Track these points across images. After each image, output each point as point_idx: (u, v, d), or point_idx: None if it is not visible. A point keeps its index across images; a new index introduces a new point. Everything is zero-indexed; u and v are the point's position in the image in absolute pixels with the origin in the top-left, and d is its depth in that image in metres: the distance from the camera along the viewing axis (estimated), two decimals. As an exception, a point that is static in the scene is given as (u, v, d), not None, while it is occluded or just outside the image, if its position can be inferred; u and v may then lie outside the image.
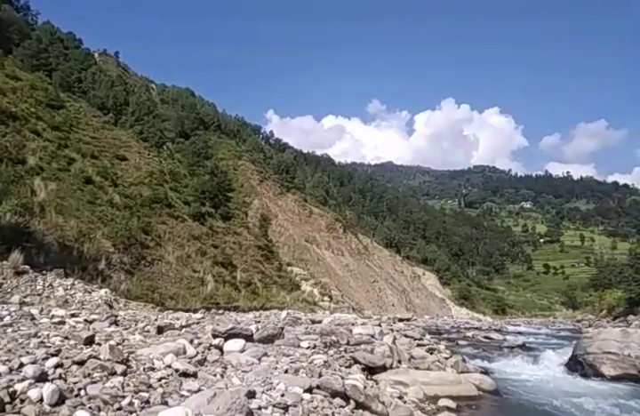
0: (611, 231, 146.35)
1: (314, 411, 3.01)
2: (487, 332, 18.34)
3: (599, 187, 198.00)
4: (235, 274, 22.77)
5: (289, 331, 7.19)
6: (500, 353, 10.44)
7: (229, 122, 75.74)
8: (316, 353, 5.17)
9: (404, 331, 10.97)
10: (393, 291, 50.38)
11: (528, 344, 13.23)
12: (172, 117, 47.74)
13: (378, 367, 5.54)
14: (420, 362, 6.63)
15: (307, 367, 4.07)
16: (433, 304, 59.35)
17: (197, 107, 58.66)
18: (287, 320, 9.62)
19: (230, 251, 25.18)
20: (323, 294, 29.56)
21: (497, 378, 7.08)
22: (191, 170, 33.66)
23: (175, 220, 22.94)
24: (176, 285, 17.26)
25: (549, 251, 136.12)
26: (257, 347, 4.86)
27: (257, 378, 3.51)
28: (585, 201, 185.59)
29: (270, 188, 46.41)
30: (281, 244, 35.64)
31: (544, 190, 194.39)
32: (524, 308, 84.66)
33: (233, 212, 32.18)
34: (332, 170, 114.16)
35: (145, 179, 25.28)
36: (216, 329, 5.15)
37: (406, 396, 4.79)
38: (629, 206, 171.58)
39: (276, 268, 28.57)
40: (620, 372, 7.24)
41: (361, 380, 3.89)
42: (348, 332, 7.22)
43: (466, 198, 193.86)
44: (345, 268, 44.61)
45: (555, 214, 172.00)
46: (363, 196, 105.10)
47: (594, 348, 7.80)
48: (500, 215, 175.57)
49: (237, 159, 47.80)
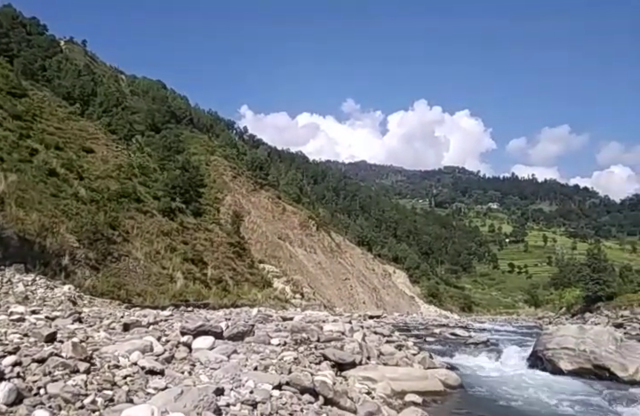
0: (571, 232, 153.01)
1: (283, 407, 3.01)
2: (454, 328, 18.83)
3: (562, 189, 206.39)
4: (205, 271, 22.44)
5: (259, 328, 7.16)
6: (465, 349, 10.73)
7: (202, 116, 74.41)
8: (286, 350, 5.17)
9: (373, 328, 11.11)
10: (364, 288, 50.93)
11: (492, 340, 13.66)
12: (142, 110, 46.41)
13: (347, 363, 5.60)
14: (388, 358, 6.74)
15: (276, 364, 4.07)
16: (403, 301, 60.39)
17: (169, 100, 57.33)
18: (258, 317, 9.57)
19: (201, 247, 24.78)
20: (294, 292, 29.56)
21: (462, 373, 7.28)
22: (161, 164, 32.87)
23: (144, 215, 22.37)
24: (144, 282, 16.86)
25: (514, 250, 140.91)
26: (227, 344, 4.81)
27: (226, 375, 3.48)
28: (548, 203, 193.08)
29: (243, 184, 45.92)
30: (253, 240, 35.36)
31: (510, 192, 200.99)
32: (489, 306, 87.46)
33: (204, 208, 31.67)
34: (307, 167, 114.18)
35: (113, 172, 24.51)
36: (185, 326, 5.06)
37: (374, 391, 4.86)
38: (589, 208, 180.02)
39: (247, 265, 28.33)
40: (575, 366, 7.58)
41: (330, 377, 3.92)
42: (319, 330, 7.26)
43: (436, 198, 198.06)
44: (317, 265, 44.74)
45: (520, 215, 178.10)
46: (336, 194, 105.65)
47: (553, 343, 8.13)
48: (469, 215, 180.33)
49: (210, 154, 47.04)
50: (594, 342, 7.72)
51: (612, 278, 37.48)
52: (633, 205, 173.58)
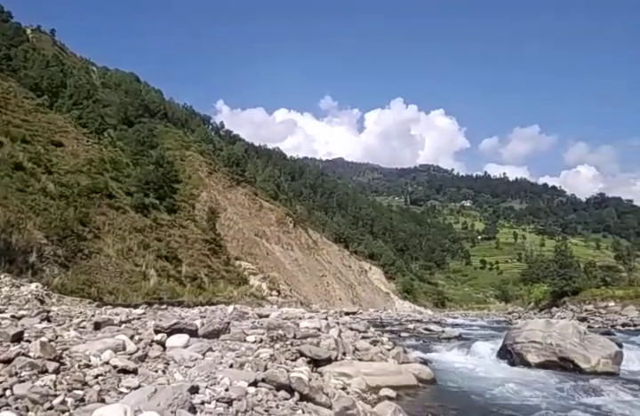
0: (540, 229, 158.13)
1: (258, 404, 3.01)
2: (427, 324, 19.20)
3: (531, 188, 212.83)
4: (180, 268, 22.10)
5: (235, 325, 7.12)
6: (438, 344, 10.97)
7: (177, 110, 72.93)
8: (262, 347, 5.16)
9: (349, 324, 11.22)
10: (340, 285, 51.26)
11: (464, 335, 14.01)
12: (115, 103, 45.09)
13: (323, 360, 5.64)
14: (363, 353, 6.82)
15: (252, 361, 4.06)
16: (378, 298, 61.13)
17: (142, 93, 55.89)
18: (234, 315, 9.51)
19: (175, 244, 24.37)
20: (271, 289, 29.46)
21: (435, 367, 7.45)
22: (134, 159, 32.08)
23: (116, 211, 21.81)
24: (116, 280, 16.47)
25: (486, 247, 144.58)
26: (201, 342, 4.77)
27: (201, 373, 3.45)
28: (519, 201, 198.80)
29: (219, 180, 45.34)
30: (229, 237, 35.02)
31: (483, 190, 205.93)
32: (461, 301, 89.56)
33: (179, 205, 31.13)
34: (284, 164, 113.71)
35: (83, 167, 23.78)
36: (158, 324, 4.99)
37: (349, 386, 4.92)
38: (557, 206, 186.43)
39: (223, 263, 28.06)
40: (542, 359, 7.87)
41: (306, 373, 3.94)
42: (295, 326, 7.27)
43: (411, 196, 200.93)
44: (294, 262, 44.72)
45: (492, 213, 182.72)
46: (313, 191, 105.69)
47: (521, 337, 8.41)
48: (443, 213, 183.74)
49: (185, 149, 46.19)
50: (559, 336, 8.03)
51: (578, 274, 39.03)
52: (597, 204, 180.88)
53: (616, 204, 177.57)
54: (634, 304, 26.68)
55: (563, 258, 39.85)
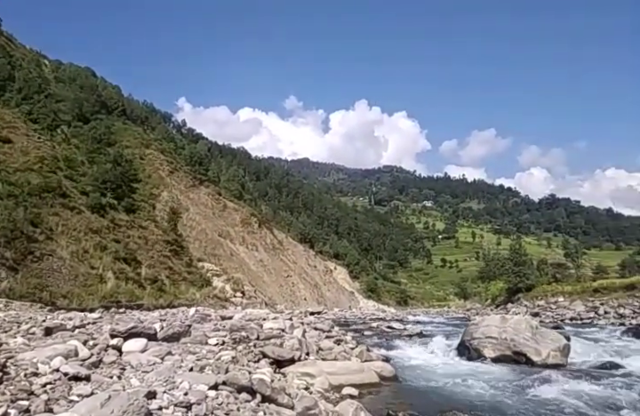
0: (496, 229, 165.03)
1: (219, 407, 2.96)
2: (390, 322, 19.52)
3: (488, 189, 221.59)
4: (139, 270, 21.36)
5: (197, 328, 6.98)
6: (400, 341, 11.16)
7: (136, 107, 70.49)
8: (224, 349, 5.08)
9: (314, 324, 11.24)
10: (306, 285, 51.29)
11: (425, 332, 14.34)
12: (69, 98, 42.95)
13: (286, 360, 5.62)
14: (327, 353, 6.85)
15: (213, 364, 3.99)
16: (343, 297, 61.65)
17: (99, 88, 53.53)
18: (196, 317, 9.32)
19: (134, 245, 23.55)
20: (235, 290, 29.04)
21: (396, 364, 7.59)
22: (90, 157, 30.72)
23: (70, 211, 20.81)
24: (70, 283, 15.71)
25: (446, 246, 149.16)
26: (161, 346, 4.64)
27: (159, 378, 3.35)
28: (477, 201, 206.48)
29: (181, 179, 44.23)
30: (192, 238, 34.23)
31: (443, 190, 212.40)
32: (423, 299, 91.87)
33: (138, 205, 30.09)
34: (249, 164, 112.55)
35: (34, 165, 22.53)
36: (115, 328, 4.80)
37: (312, 386, 4.93)
38: (512, 207, 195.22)
39: (185, 264, 27.38)
40: (498, 353, 8.20)
41: (268, 374, 3.92)
42: (259, 327, 7.22)
43: (375, 196, 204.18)
44: (259, 263, 44.31)
45: (452, 213, 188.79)
46: (279, 191, 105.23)
47: (478, 333, 8.73)
48: (406, 213, 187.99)
49: (145, 148, 44.70)
50: (513, 331, 8.39)
51: (531, 271, 40.96)
52: (549, 204, 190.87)
53: (565, 205, 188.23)
54: (580, 299, 28.29)
55: (517, 256, 41.69)
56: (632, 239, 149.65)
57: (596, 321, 20.82)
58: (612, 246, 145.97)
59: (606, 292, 27.71)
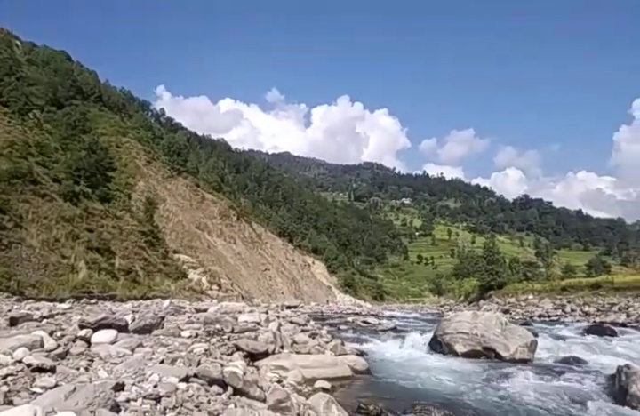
0: (472, 227, 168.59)
1: (189, 399, 2.92)
2: (365, 316, 19.76)
3: (465, 188, 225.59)
4: (113, 261, 20.91)
5: (170, 320, 6.89)
6: (375, 336, 11.30)
7: (113, 94, 68.47)
8: (197, 342, 5.03)
9: (290, 317, 11.26)
10: (283, 279, 51.27)
11: (399, 327, 14.57)
12: (42, 82, 41.36)
13: (260, 353, 5.61)
14: (301, 346, 6.87)
15: (185, 356, 3.93)
16: (320, 291, 61.93)
17: (74, 73, 51.71)
18: (169, 309, 9.20)
19: (108, 235, 23.00)
20: (211, 283, 28.80)
21: (370, 358, 7.68)
22: (64, 143, 29.76)
23: (41, 198, 20.15)
24: (39, 272, 15.26)
25: (423, 243, 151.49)
26: (131, 337, 4.55)
27: (128, 369, 3.29)
28: (453, 200, 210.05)
29: (159, 169, 43.37)
30: (168, 230, 33.68)
31: (421, 188, 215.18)
32: (398, 295, 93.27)
33: (113, 194, 29.39)
34: (229, 156, 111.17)
35: (3, 149, 21.70)
36: (84, 319, 4.69)
37: (285, 379, 4.93)
38: (487, 206, 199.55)
39: (161, 256, 26.94)
40: (469, 348, 8.39)
41: (241, 367, 3.89)
42: (234, 320, 7.18)
43: (355, 192, 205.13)
44: (236, 256, 44.00)
45: (429, 210, 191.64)
46: (259, 184, 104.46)
47: (450, 329, 8.91)
48: (384, 209, 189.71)
49: (121, 136, 43.58)
50: (484, 327, 8.60)
51: (503, 269, 42.06)
52: (522, 205, 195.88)
53: (538, 205, 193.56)
54: (549, 297, 29.22)
55: (490, 254, 42.72)
56: (599, 240, 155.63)
57: (562, 318, 21.58)
58: (581, 247, 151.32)
59: (573, 290, 28.70)
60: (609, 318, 19.00)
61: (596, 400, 5.16)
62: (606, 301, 23.37)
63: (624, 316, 19.12)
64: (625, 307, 21.11)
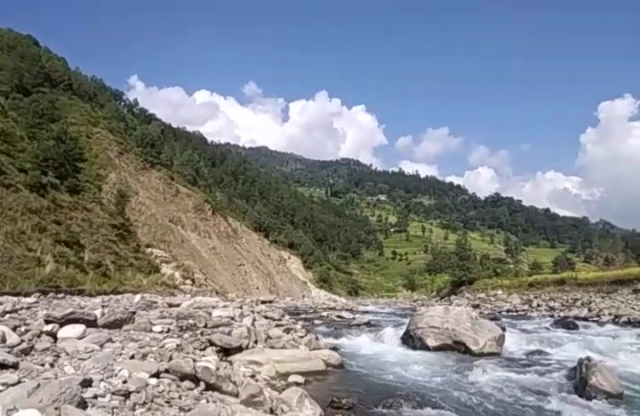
0: (445, 224, 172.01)
1: (159, 395, 2.87)
2: (340, 311, 19.90)
3: (439, 185, 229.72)
4: (82, 254, 20.27)
5: (141, 315, 6.75)
6: (349, 330, 11.41)
7: (84, 82, 66.12)
8: (169, 337, 4.95)
9: (264, 312, 11.23)
10: (258, 274, 51.05)
11: (373, 321, 14.75)
12: (7, 67, 39.48)
13: (234, 348, 5.57)
14: (275, 341, 6.87)
15: (156, 351, 3.86)
16: (295, 286, 62.01)
17: (42, 59, 49.58)
18: (141, 304, 9.01)
19: (77, 228, 22.27)
20: (185, 277, 28.38)
21: (343, 353, 7.75)
22: (31, 132, 28.56)
23: (6, 189, 19.32)
24: (3, 265, 14.64)
25: (397, 239, 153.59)
26: (101, 332, 4.43)
27: (96, 365, 3.20)
28: (428, 197, 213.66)
29: (131, 161, 42.28)
30: (141, 223, 32.93)
31: (397, 185, 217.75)
32: (373, 290, 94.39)
33: (83, 186, 28.44)
34: (204, 149, 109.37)
35: (-36, 137, 20.62)
36: (50, 314, 4.53)
37: (259, 374, 4.92)
38: (460, 204, 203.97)
39: (132, 249, 26.31)
40: (440, 342, 8.58)
41: (214, 362, 3.85)
42: (207, 315, 7.10)
43: (332, 188, 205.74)
44: (211, 250, 43.49)
45: (404, 207, 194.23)
46: (235, 178, 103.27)
47: (422, 323, 9.08)
48: (360, 205, 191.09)
49: (92, 126, 42.19)
50: (455, 321, 8.80)
51: (474, 265, 43.15)
52: (493, 203, 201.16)
53: (508, 204, 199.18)
54: (517, 292, 30.18)
55: (462, 251, 43.73)
56: (565, 238, 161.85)
57: (529, 313, 22.32)
58: (548, 244, 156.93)
59: (540, 286, 29.74)
60: (572, 313, 19.76)
61: (559, 391, 5.37)
62: (570, 297, 24.32)
63: (586, 310, 19.94)
64: (587, 302, 22.01)
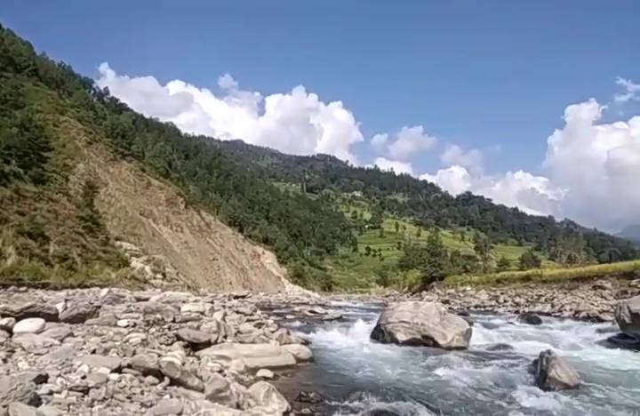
0: (418, 221, 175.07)
1: (120, 391, 2.78)
2: (313, 306, 19.96)
3: (413, 183, 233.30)
4: (47, 246, 19.53)
5: (107, 309, 6.57)
6: (320, 325, 11.44)
7: (51, 68, 63.40)
8: (134, 331, 4.81)
9: (236, 307, 11.12)
10: (232, 269, 50.57)
11: (345, 316, 14.86)
12: (-32, 48, 37.44)
13: (202, 343, 5.49)
14: (245, 336, 6.81)
15: (119, 346, 3.75)
16: (269, 282, 61.78)
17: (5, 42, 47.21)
18: (107, 298, 8.76)
19: (42, 219, 21.42)
20: (155, 272, 27.81)
21: (314, 347, 7.77)
22: (-7, 118, 27.21)
23: (-36, 177, 18.36)
24: (-41, 258, 13.95)
25: (372, 235, 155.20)
26: (62, 327, 4.27)
27: (54, 360, 3.07)
28: (402, 194, 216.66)
29: (101, 152, 40.93)
30: (110, 215, 31.99)
31: (372, 182, 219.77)
32: (346, 285, 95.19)
33: (49, 176, 27.37)
34: (178, 141, 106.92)
35: None
36: (7, 307, 4.33)
37: (227, 369, 4.86)
38: (433, 201, 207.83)
39: (101, 242, 25.54)
40: (409, 337, 8.72)
41: (180, 357, 3.77)
42: (176, 310, 6.97)
43: (308, 183, 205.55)
44: (183, 244, 42.73)
45: (378, 204, 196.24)
46: (209, 171, 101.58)
47: (393, 318, 9.20)
48: (336, 201, 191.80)
49: (59, 114, 40.53)
50: (424, 316, 8.96)
51: (445, 262, 44.14)
52: (465, 201, 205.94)
53: (479, 202, 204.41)
54: (485, 289, 31.07)
55: (434, 247, 44.63)
56: (532, 236, 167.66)
57: (496, 308, 22.99)
58: (515, 242, 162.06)
59: (507, 282, 30.69)
60: (536, 308, 20.48)
61: (522, 383, 5.55)
62: (535, 293, 25.20)
63: (549, 306, 20.71)
64: (550, 298, 22.87)
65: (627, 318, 8.53)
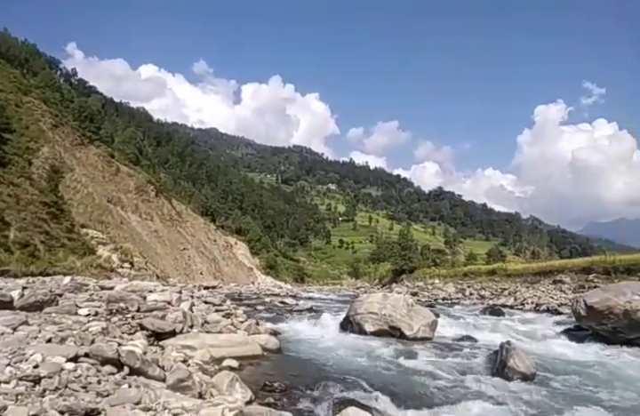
0: (390, 215, 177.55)
1: (75, 380, 2.68)
2: (284, 297, 19.97)
3: (387, 177, 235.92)
4: (7, 232, 18.69)
5: (68, 297, 6.36)
6: (290, 316, 11.47)
7: (13, 45, 60.16)
8: (95, 320, 4.67)
9: (205, 297, 11.00)
10: (203, 259, 49.92)
11: (315, 307, 14.93)
12: None
13: (167, 333, 5.39)
14: (212, 326, 6.74)
15: (77, 335, 3.62)
16: (241, 272, 61.39)
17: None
18: (69, 286, 8.48)
19: (3, 204, 20.46)
20: (123, 260, 27.08)
21: (283, 338, 7.77)
22: (-51, 96, 25.61)
23: None
24: None
25: (345, 228, 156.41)
26: (16, 315, 4.09)
27: (4, 349, 2.93)
28: (376, 188, 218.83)
29: (67, 135, 39.28)
30: (75, 202, 30.84)
31: (347, 175, 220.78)
32: (319, 277, 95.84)
33: (10, 158, 26.09)
34: (149, 127, 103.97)
35: None
36: (-44, 296, 4.10)
37: (192, 359, 4.79)
38: (405, 196, 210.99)
39: (65, 229, 24.61)
40: (377, 328, 8.85)
41: (141, 346, 3.68)
42: (142, 299, 6.83)
43: (283, 175, 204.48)
44: (153, 233, 41.80)
45: (353, 197, 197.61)
46: (181, 160, 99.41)
47: (362, 309, 9.31)
48: (311, 194, 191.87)
49: (23, 94, 38.53)
50: (392, 307, 9.10)
51: (415, 255, 45.01)
52: (436, 196, 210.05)
53: (450, 198, 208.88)
54: (453, 282, 31.88)
55: (405, 241, 45.42)
56: (498, 232, 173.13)
57: (462, 301, 23.65)
58: (483, 237, 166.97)
59: (473, 276, 31.59)
60: (500, 301, 21.19)
61: (483, 373, 5.73)
62: (499, 286, 26.05)
63: (512, 299, 21.48)
64: (514, 291, 23.71)
65: (582, 311, 8.93)
